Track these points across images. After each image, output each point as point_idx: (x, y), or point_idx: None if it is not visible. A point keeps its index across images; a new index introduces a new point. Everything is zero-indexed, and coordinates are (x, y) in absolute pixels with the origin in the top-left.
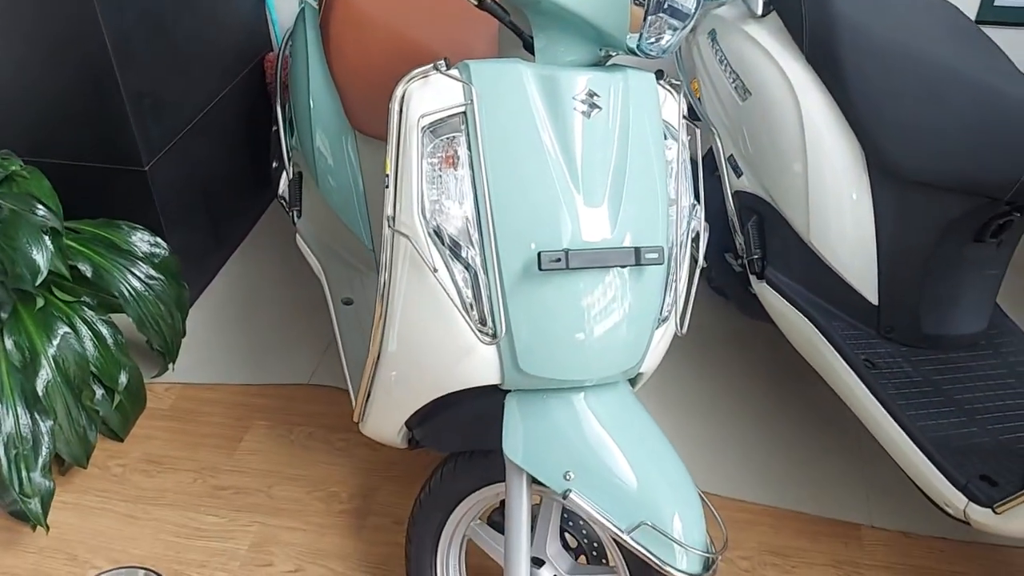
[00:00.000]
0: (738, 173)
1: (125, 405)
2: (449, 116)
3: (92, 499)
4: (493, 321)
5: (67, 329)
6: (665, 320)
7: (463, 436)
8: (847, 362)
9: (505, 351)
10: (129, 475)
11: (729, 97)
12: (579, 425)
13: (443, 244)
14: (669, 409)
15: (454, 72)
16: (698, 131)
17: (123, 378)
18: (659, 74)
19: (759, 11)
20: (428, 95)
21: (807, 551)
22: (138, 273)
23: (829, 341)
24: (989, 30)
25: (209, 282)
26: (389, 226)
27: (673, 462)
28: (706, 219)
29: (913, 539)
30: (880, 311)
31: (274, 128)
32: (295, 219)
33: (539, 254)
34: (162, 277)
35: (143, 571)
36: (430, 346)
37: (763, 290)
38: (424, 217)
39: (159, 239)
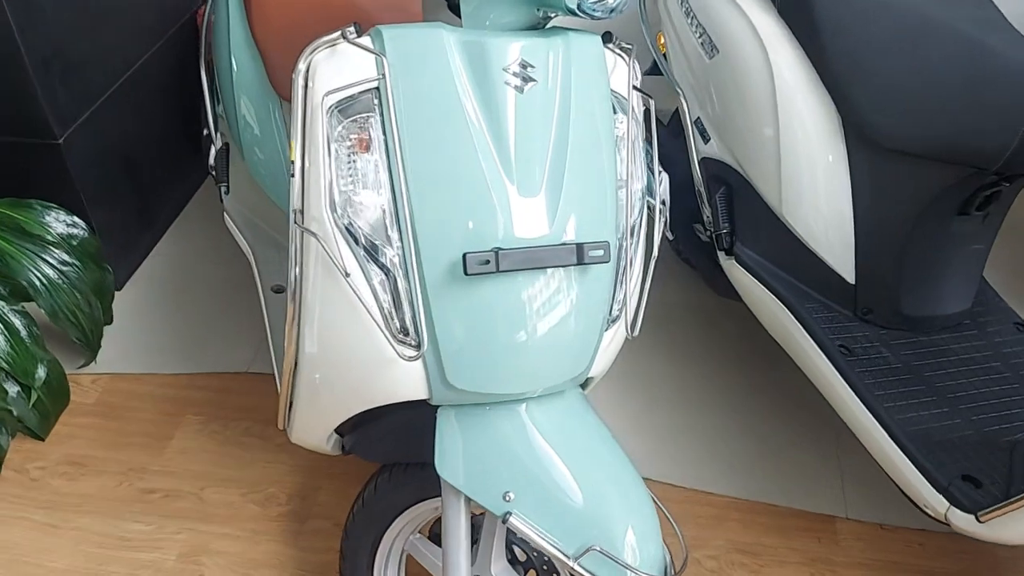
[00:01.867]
0: (705, 138)
1: (44, 402)
2: (361, 92)
3: (6, 507)
4: (416, 331)
5: None
6: (616, 320)
7: (396, 448)
8: (821, 348)
9: (431, 364)
10: (49, 479)
11: (696, 54)
12: (519, 440)
13: (357, 244)
14: (630, 394)
15: (365, 40)
16: (652, 101)
17: (40, 372)
18: (607, 37)
19: None
20: (335, 68)
21: (778, 548)
22: (50, 259)
23: (802, 324)
24: None
25: (139, 263)
26: (295, 222)
27: (625, 471)
28: (672, 186)
29: (891, 532)
30: (857, 291)
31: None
32: (222, 196)
33: (464, 256)
34: (77, 263)
35: None
36: (350, 355)
37: (731, 267)
38: (334, 212)
39: (76, 219)
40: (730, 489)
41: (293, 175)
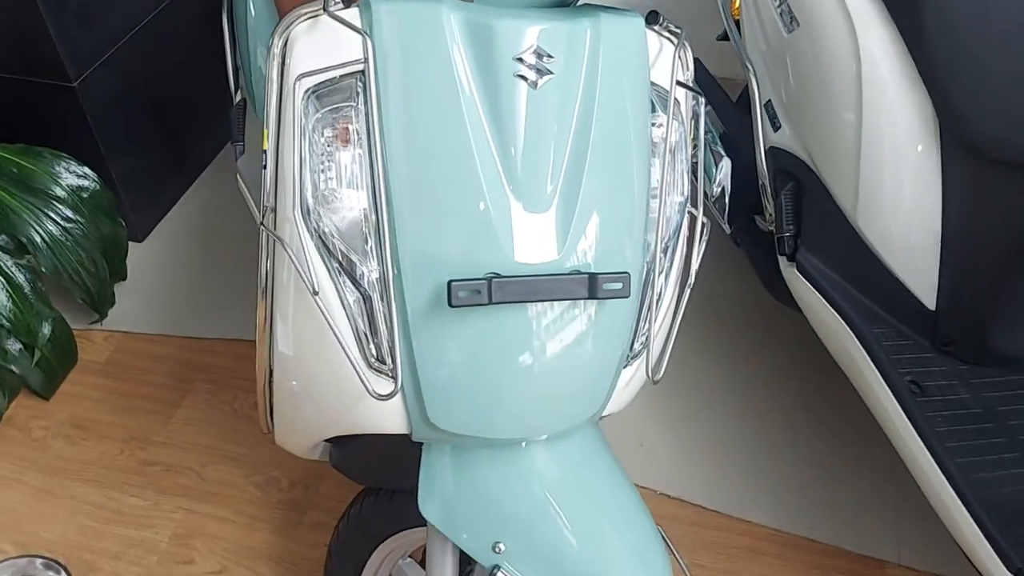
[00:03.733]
0: (775, 125)
1: (50, 360)
2: (342, 77)
3: (6, 467)
4: (394, 362)
5: None
6: (638, 356)
7: (382, 472)
8: (887, 382)
9: (411, 399)
10: (51, 440)
11: (772, 25)
12: (515, 485)
13: (330, 255)
14: (666, 398)
15: (350, 14)
16: (703, 100)
17: (45, 330)
18: (652, 18)
19: None
20: (314, 46)
21: None
22: (54, 215)
23: (868, 351)
24: None
25: (165, 213)
26: (262, 222)
27: (636, 519)
28: (735, 172)
29: None
30: (938, 318)
31: None
32: (237, 156)
33: (450, 284)
34: (81, 219)
35: (40, 560)
36: (322, 376)
37: (793, 278)
38: (306, 216)
39: (87, 169)
40: (770, 519)
41: (265, 167)
